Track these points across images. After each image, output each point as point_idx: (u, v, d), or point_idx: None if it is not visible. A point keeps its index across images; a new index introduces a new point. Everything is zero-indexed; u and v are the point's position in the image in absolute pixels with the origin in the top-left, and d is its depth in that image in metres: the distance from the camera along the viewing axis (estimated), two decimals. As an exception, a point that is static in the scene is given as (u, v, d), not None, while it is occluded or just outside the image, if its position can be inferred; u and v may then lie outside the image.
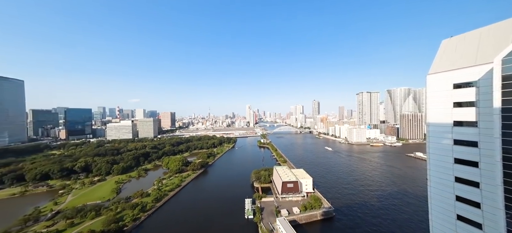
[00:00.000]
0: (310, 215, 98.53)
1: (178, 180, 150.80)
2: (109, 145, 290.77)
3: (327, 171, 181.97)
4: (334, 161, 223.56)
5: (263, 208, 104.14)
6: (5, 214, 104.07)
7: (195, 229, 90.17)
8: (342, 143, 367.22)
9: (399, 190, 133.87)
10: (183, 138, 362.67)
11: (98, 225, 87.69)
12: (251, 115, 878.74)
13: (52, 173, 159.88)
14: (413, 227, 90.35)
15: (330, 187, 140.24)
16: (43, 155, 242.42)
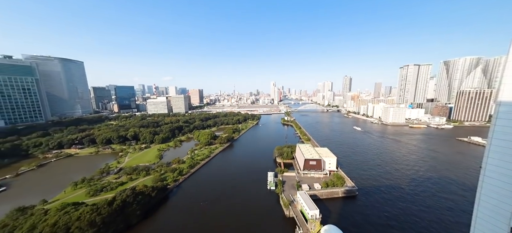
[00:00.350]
0: (331, 191, 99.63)
1: (208, 151, 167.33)
2: (150, 119, 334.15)
3: (354, 151, 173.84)
4: (363, 141, 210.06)
5: (285, 182, 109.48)
6: (88, 167, 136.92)
7: (223, 192, 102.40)
8: (375, 123, 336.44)
9: (440, 176, 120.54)
10: (210, 114, 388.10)
11: (149, 181, 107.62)
12: (276, 92, 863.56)
13: (113, 139, 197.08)
14: (449, 218, 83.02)
15: (356, 167, 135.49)
16: (105, 124, 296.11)
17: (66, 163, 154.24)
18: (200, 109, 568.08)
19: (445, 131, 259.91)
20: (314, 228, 71.64)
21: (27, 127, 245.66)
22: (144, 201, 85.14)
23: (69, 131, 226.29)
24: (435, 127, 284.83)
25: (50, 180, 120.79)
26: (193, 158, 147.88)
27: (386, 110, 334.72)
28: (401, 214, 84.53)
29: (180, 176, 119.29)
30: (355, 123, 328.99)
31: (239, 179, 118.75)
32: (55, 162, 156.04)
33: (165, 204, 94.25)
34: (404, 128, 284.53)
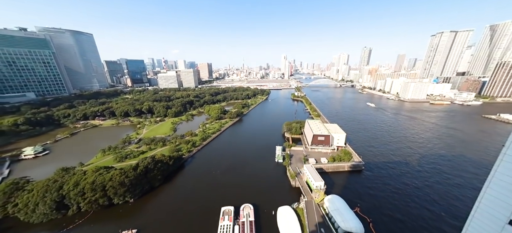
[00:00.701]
0: (337, 165, 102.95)
1: (218, 125, 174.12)
2: (162, 93, 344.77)
3: (364, 128, 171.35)
4: (375, 118, 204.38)
5: (292, 156, 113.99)
6: (112, 137, 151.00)
7: (233, 163, 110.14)
8: (391, 99, 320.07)
9: (454, 155, 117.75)
10: (220, 88, 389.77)
11: (166, 151, 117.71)
12: (287, 66, 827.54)
13: (130, 112, 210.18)
14: (456, 194, 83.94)
15: (364, 143, 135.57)
16: (121, 98, 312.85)
17: (93, 133, 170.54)
18: (209, 84, 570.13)
19: (471, 108, 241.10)
20: (318, 197, 77.00)
21: (55, 99, 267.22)
22: (163, 168, 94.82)
23: (91, 104, 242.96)
24: (461, 103, 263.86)
25: (82, 147, 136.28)
26: (204, 132, 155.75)
27: (406, 85, 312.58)
28: (404, 188, 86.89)
29: (194, 147, 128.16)
30: (369, 99, 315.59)
31: (248, 152, 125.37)
32: (84, 131, 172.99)
33: (181, 171, 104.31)
34: (423, 105, 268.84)
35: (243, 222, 66.33)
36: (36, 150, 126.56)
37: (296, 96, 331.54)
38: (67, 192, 72.68)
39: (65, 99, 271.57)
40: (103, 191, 74.65)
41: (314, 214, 69.95)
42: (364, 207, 75.45)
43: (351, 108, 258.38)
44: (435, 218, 70.44)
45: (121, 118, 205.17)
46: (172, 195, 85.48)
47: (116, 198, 76.26)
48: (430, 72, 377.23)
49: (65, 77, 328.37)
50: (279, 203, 75.99)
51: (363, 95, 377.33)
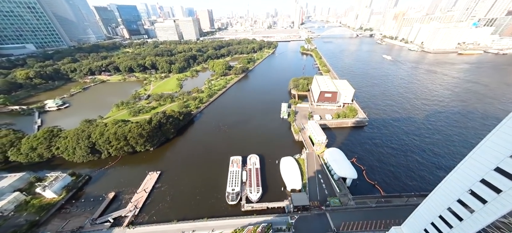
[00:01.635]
0: (341, 122, 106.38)
1: (224, 82, 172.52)
2: (163, 46, 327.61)
3: (375, 83, 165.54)
4: (388, 72, 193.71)
5: (297, 112, 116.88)
6: (121, 92, 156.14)
7: (240, 119, 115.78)
8: (412, 51, 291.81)
9: (467, 110, 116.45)
10: (223, 41, 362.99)
11: (175, 107, 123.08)
12: (297, 12, 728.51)
13: (133, 67, 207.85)
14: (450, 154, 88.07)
15: (372, 100, 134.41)
16: (122, 52, 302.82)
17: (102, 88, 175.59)
18: (211, 36, 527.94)
19: (506, 58, 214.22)
20: (319, 149, 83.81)
21: (56, 52, 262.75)
22: (175, 123, 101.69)
23: (93, 58, 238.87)
24: (496, 52, 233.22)
25: (96, 101, 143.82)
26: (210, 88, 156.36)
27: (435, 32, 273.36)
28: (402, 143, 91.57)
29: (201, 104, 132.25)
30: (387, 51, 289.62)
31: (254, 108, 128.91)
32: (94, 86, 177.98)
33: (192, 126, 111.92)
34: (449, 56, 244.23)
35: (249, 169, 75.86)
36: (57, 103, 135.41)
37: (305, 49, 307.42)
38: (96, 140, 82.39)
39: (66, 52, 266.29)
40: (125, 141, 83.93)
41: (314, 164, 78.12)
42: (361, 159, 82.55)
43: (364, 62, 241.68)
44: (423, 168, 77.24)
45: (126, 73, 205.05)
46: (186, 145, 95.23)
47: (138, 146, 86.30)
48: (472, 12, 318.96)
49: (58, 27, 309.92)
50: (283, 154, 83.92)
51: (381, 46, 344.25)
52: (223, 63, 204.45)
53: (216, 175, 75.46)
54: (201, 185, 71.63)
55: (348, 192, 64.96)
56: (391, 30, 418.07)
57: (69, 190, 68.48)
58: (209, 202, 65.38)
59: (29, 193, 67.04)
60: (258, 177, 72.57)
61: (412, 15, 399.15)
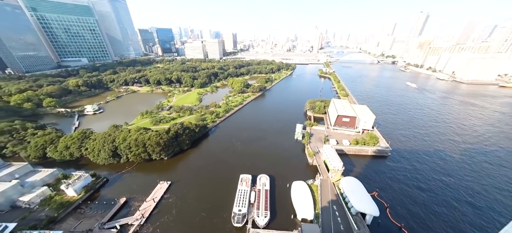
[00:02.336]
0: (360, 149, 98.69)
1: (241, 99, 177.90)
2: (189, 63, 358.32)
3: (399, 111, 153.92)
4: (414, 101, 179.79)
5: (312, 134, 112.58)
6: (148, 102, 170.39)
7: (253, 136, 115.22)
8: (442, 80, 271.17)
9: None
10: (244, 61, 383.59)
11: (192, 120, 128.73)
12: (317, 37, 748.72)
13: (161, 80, 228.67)
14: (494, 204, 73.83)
15: (396, 128, 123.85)
16: (154, 67, 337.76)
17: (133, 97, 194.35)
18: (233, 56, 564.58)
19: None
20: (334, 177, 77.48)
21: (102, 65, 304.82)
22: (190, 134, 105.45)
23: (129, 71, 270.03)
24: None
25: (125, 109, 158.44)
26: (227, 104, 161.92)
27: (468, 63, 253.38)
28: (433, 183, 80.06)
29: (217, 118, 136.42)
30: (412, 79, 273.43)
31: (268, 127, 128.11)
32: (126, 95, 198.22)
33: (206, 139, 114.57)
34: (488, 88, 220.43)
35: (259, 190, 72.64)
36: (94, 108, 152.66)
37: (323, 72, 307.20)
38: (118, 144, 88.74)
39: (109, 65, 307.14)
40: (144, 148, 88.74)
41: (328, 192, 71.79)
42: (383, 193, 73.57)
43: (387, 88, 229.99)
44: (461, 216, 65.07)
45: (154, 85, 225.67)
46: (198, 158, 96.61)
47: (154, 154, 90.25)
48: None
49: (107, 44, 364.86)
50: (295, 177, 79.37)
51: (405, 74, 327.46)
52: (241, 81, 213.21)
53: (224, 192, 73.64)
54: (207, 201, 70.18)
55: (368, 232, 57.01)
56: (415, 58, 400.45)
57: (88, 191, 72.72)
58: (213, 221, 63.00)
59: (55, 189, 72.80)
60: (267, 199, 68.77)
61: (440, 44, 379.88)
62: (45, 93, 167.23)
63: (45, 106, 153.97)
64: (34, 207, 66.12)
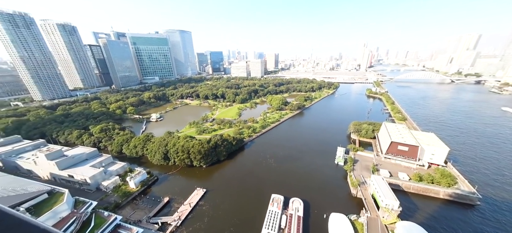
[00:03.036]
0: (425, 188, 77.73)
1: (278, 116, 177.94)
2: (233, 81, 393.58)
3: (492, 145, 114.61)
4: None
5: (357, 161, 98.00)
6: (196, 114, 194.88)
7: (289, 155, 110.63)
8: None
9: None
10: (284, 79, 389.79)
11: (231, 132, 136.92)
12: (365, 55, 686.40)
13: (208, 96, 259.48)
14: None
15: (487, 168, 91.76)
16: (204, 84, 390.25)
17: (185, 109, 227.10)
18: (274, 74, 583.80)
19: None
20: (387, 218, 62.99)
21: (167, 82, 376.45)
22: (228, 146, 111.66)
23: (185, 87, 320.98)
24: None
25: (179, 118, 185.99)
26: (265, 120, 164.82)
27: None
28: None
29: (254, 133, 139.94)
30: (511, 104, 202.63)
31: (305, 147, 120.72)
32: (180, 107, 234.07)
33: (242, 152, 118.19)
34: None
35: (291, 214, 67.04)
36: (157, 116, 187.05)
37: (373, 92, 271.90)
38: (169, 149, 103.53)
39: (172, 82, 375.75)
40: (187, 154, 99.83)
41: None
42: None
43: (467, 114, 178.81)
44: None
45: (203, 99, 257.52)
46: (233, 170, 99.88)
47: (195, 161, 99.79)
48: None
49: (173, 66, 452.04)
50: (333, 208, 69.43)
51: (500, 96, 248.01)
52: (280, 98, 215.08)
53: (254, 209, 71.92)
54: (238, 215, 69.96)
55: None
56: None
57: (143, 185, 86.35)
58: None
59: (123, 179, 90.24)
60: (300, 227, 62.44)
61: None
62: (129, 103, 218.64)
63: (128, 113, 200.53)
64: (109, 192, 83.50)
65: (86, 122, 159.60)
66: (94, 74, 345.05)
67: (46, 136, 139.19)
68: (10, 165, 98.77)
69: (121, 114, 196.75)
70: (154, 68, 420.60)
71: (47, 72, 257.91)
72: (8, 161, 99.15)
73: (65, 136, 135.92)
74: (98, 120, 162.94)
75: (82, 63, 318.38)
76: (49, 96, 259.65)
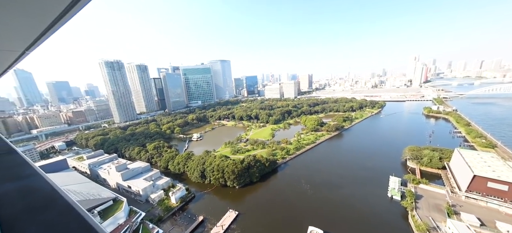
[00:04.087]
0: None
1: (313, 137, 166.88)
2: (266, 102, 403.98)
3: None
4: None
5: (421, 197, 77.93)
6: (231, 134, 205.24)
7: (326, 182, 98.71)
8: None
9: None
10: (319, 99, 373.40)
11: (264, 154, 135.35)
12: (418, 70, 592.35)
13: (243, 117, 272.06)
14: None
15: None
16: (239, 106, 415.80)
17: (222, 129, 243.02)
18: (308, 94, 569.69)
19: None
20: None
21: (208, 105, 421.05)
22: (260, 168, 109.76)
23: (223, 109, 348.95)
24: None
25: (216, 138, 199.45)
26: (299, 141, 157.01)
27: None
28: None
29: (287, 155, 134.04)
30: None
31: (347, 173, 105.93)
32: (218, 128, 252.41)
33: (274, 175, 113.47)
34: None
35: (332, 256, 56.74)
36: (198, 136, 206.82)
37: (433, 111, 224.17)
38: (206, 167, 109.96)
39: (212, 105, 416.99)
40: (222, 174, 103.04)
41: None
42: None
43: None
44: None
45: (238, 120, 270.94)
46: (265, 193, 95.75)
47: (229, 181, 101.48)
48: None
49: (214, 91, 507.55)
50: (390, 257, 54.93)
51: None
52: (315, 119, 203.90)
53: (288, 243, 64.68)
54: (269, 247, 64.21)
55: None
56: None
57: (181, 201, 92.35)
58: (273, 275, 55.10)
59: (166, 194, 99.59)
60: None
61: None
62: (177, 124, 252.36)
63: (175, 132, 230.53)
64: (155, 204, 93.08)
65: (144, 140, 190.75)
66: (154, 100, 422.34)
67: (118, 151, 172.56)
68: (94, 173, 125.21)
69: (170, 133, 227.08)
70: (198, 93, 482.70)
71: (125, 101, 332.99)
72: (93, 170, 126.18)
73: (129, 151, 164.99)
74: (153, 139, 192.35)
75: (147, 93, 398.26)
76: (124, 119, 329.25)
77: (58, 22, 3.73)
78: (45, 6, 3.04)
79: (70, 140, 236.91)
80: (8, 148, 4.78)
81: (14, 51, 5.09)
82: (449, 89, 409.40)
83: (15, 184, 2.65)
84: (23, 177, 2.80)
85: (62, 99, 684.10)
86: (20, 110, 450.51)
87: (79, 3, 3.20)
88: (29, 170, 3.06)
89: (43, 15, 3.35)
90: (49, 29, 4.14)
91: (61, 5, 3.10)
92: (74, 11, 3.31)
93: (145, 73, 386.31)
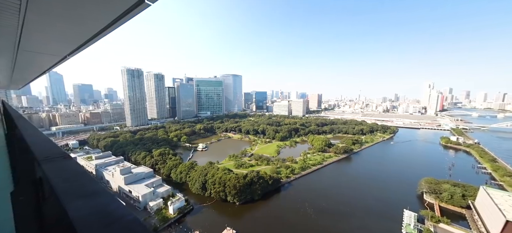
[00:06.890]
0: None
1: (320, 158, 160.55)
2: (274, 118, 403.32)
3: None
4: None
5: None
6: (236, 147, 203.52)
7: (332, 209, 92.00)
8: None
9: None
10: (327, 119, 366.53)
11: (268, 170, 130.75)
12: (434, 98, 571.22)
13: (250, 131, 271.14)
14: None
15: None
16: (247, 120, 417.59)
17: (227, 142, 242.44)
18: (317, 114, 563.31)
19: None
20: None
21: (217, 116, 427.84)
22: (263, 185, 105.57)
23: (230, 122, 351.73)
24: None
25: (221, 150, 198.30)
26: (305, 161, 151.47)
27: None
28: None
29: (292, 174, 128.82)
30: None
31: (355, 202, 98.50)
32: (224, 140, 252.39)
33: (277, 194, 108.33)
34: None
35: None
36: (203, 146, 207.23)
37: (453, 142, 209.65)
38: (208, 179, 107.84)
39: (220, 117, 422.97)
40: (223, 187, 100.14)
41: None
42: None
43: None
44: None
45: (244, 134, 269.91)
46: (267, 213, 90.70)
47: (229, 196, 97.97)
48: None
49: (223, 103, 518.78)
50: None
51: None
52: (323, 139, 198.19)
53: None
54: (266, 275, 58.79)
55: None
56: None
57: (179, 213, 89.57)
58: None
59: (165, 203, 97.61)
60: None
61: None
62: (184, 132, 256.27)
63: (181, 141, 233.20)
64: (152, 213, 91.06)
65: (151, 145, 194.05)
66: (166, 108, 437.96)
67: (125, 154, 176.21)
68: (99, 174, 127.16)
69: (177, 141, 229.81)
70: (208, 104, 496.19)
71: (139, 106, 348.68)
72: (99, 171, 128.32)
73: (135, 156, 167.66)
74: (159, 145, 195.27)
75: (161, 100, 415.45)
76: (135, 123, 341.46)
77: (103, 32, 3.83)
78: (96, 16, 3.18)
79: (83, 139, 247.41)
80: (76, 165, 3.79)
81: (57, 55, 5.28)
82: (469, 120, 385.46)
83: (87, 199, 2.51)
84: (93, 194, 2.67)
85: (84, 101, 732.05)
86: (45, 108, 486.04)
87: (125, 17, 3.34)
88: (96, 187, 2.87)
89: (92, 24, 3.49)
90: (92, 38, 4.27)
91: (110, 17, 3.25)
92: (119, 24, 3.46)
93: (161, 81, 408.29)
